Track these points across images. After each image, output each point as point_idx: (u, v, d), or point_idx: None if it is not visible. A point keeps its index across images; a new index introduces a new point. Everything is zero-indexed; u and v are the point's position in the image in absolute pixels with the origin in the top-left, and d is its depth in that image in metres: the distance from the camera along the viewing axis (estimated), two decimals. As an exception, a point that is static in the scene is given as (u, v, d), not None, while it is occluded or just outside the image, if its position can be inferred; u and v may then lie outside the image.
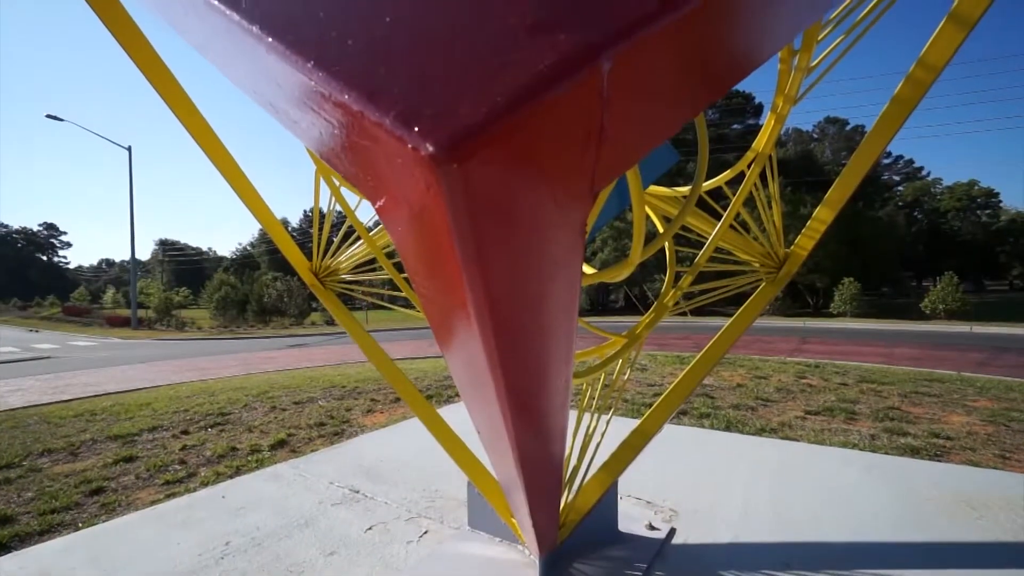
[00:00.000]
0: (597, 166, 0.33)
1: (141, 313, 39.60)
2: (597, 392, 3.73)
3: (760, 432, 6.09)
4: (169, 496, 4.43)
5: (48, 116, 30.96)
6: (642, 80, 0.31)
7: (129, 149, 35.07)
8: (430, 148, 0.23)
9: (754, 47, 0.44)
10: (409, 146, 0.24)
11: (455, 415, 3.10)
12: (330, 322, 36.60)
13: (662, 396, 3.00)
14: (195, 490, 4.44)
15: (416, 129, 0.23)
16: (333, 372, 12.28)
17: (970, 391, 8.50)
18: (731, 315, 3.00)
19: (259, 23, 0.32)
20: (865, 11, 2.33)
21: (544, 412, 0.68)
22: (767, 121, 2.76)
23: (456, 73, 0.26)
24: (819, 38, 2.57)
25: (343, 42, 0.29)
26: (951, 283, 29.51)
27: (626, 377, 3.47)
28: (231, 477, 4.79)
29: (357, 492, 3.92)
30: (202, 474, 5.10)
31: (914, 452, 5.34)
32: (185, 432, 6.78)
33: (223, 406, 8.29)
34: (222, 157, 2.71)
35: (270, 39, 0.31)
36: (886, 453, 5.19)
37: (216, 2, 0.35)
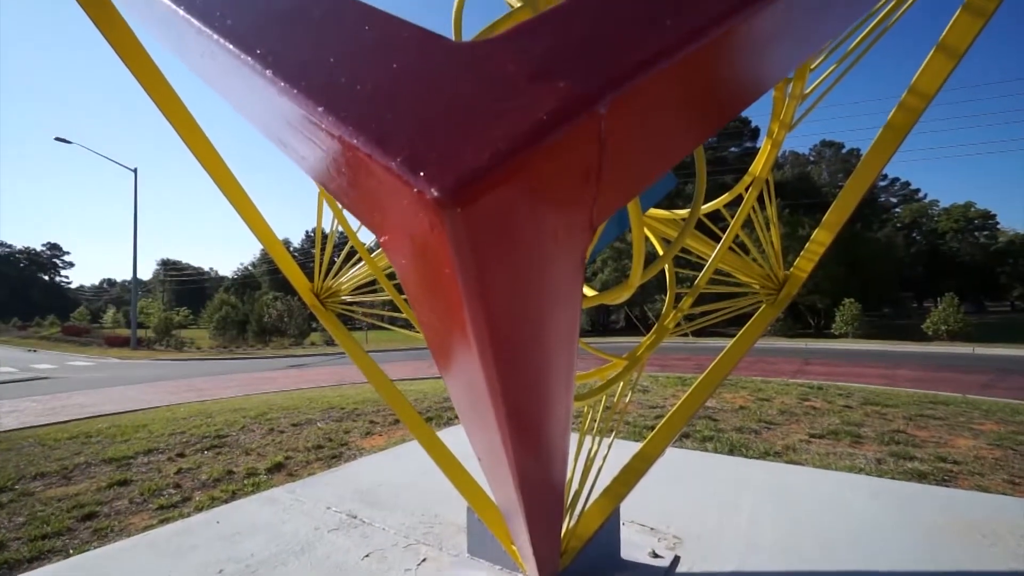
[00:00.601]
0: (596, 202, 0.34)
1: (140, 333, 39.48)
2: (598, 415, 3.69)
3: (764, 456, 6.00)
4: (163, 521, 4.34)
5: (57, 139, 31.52)
6: (638, 121, 0.33)
7: (135, 171, 35.58)
8: (435, 193, 0.24)
9: (750, 84, 0.46)
10: (415, 190, 0.25)
11: (455, 438, 3.06)
12: (330, 342, 36.47)
13: (664, 419, 2.97)
14: (189, 515, 4.35)
15: (422, 174, 0.25)
16: (332, 393, 12.17)
17: (976, 414, 8.39)
18: (732, 336, 2.99)
19: (273, 68, 0.33)
20: (856, 41, 2.40)
21: (545, 437, 0.68)
22: (763, 146, 2.81)
23: (459, 119, 0.27)
24: (812, 67, 2.64)
25: (352, 87, 0.31)
26: (952, 304, 29.47)
27: (627, 400, 3.43)
28: (226, 502, 4.70)
29: (355, 517, 3.84)
30: (197, 498, 5.01)
31: (921, 477, 5.25)
32: (181, 455, 6.69)
33: (220, 428, 8.19)
34: (224, 176, 2.74)
35: (283, 83, 0.32)
36: (893, 478, 5.10)
37: (232, 47, 0.37)
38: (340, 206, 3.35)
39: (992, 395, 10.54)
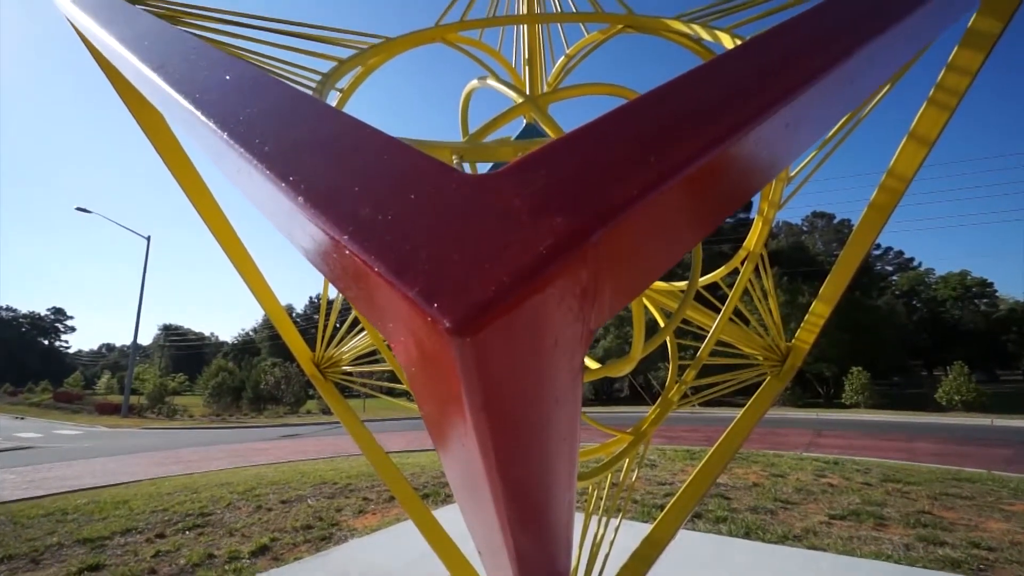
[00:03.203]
0: (594, 313, 0.37)
1: (133, 400, 38.58)
2: (604, 493, 3.52)
3: (783, 540, 5.60)
4: (132, 613, 3.98)
5: (78, 208, 32.87)
6: (631, 244, 0.37)
7: (148, 239, 36.69)
8: (447, 324, 0.26)
9: (737, 193, 0.50)
10: (429, 319, 0.28)
11: (452, 517, 2.89)
12: (326, 411, 35.46)
13: (674, 498, 2.83)
14: (162, 606, 4.00)
15: (436, 305, 0.27)
16: (325, 467, 11.64)
17: (1004, 493, 7.93)
18: (740, 405, 2.93)
19: (304, 195, 0.38)
20: (834, 130, 2.58)
21: (548, 524, 0.67)
22: (755, 223, 2.92)
23: (469, 253, 0.31)
24: (795, 151, 2.82)
25: (375, 217, 0.35)
26: (962, 373, 28.87)
27: (634, 476, 3.29)
28: (203, 590, 4.34)
29: (341, 610, 3.53)
30: (172, 586, 4.63)
31: (955, 566, 4.86)
32: (161, 535, 6.27)
33: (205, 505, 7.75)
34: (231, 241, 2.79)
35: (313, 210, 0.37)
36: (924, 567, 4.72)
37: (268, 172, 0.42)
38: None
39: (1018, 471, 10.01)
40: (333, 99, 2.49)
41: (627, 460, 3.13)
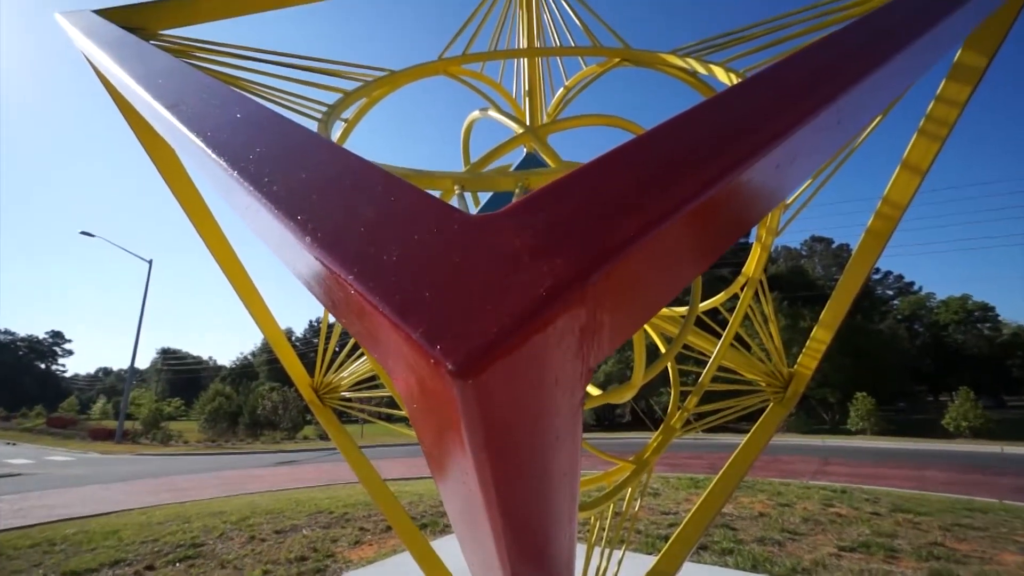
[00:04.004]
0: (594, 350, 0.38)
1: (128, 425, 38.00)
2: (607, 523, 3.43)
3: (792, 573, 5.43)
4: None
5: (82, 233, 33.17)
6: (628, 284, 0.37)
7: (150, 263, 36.87)
8: (450, 366, 0.27)
9: (736, 226, 0.52)
10: (432, 361, 0.28)
11: (451, 547, 2.81)
12: (323, 437, 34.89)
13: (678, 528, 2.76)
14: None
15: (439, 347, 0.28)
16: (321, 495, 11.39)
17: (1018, 524, 7.72)
18: (743, 431, 2.89)
19: (311, 235, 0.39)
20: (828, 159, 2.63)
21: (548, 560, 0.66)
22: (753, 250, 2.95)
23: (471, 295, 0.31)
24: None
25: (379, 257, 0.36)
26: (968, 399, 28.48)
27: (637, 506, 3.21)
28: (192, 626, 4.19)
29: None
30: (159, 622, 4.47)
31: (971, 601, 4.69)
32: (150, 567, 6.09)
33: (197, 535, 7.55)
34: (232, 265, 2.81)
35: (320, 251, 0.38)
36: (939, 602, 4.56)
37: (277, 211, 0.43)
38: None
39: (1031, 501, 9.77)
40: (338, 129, 2.55)
41: (630, 489, 3.07)
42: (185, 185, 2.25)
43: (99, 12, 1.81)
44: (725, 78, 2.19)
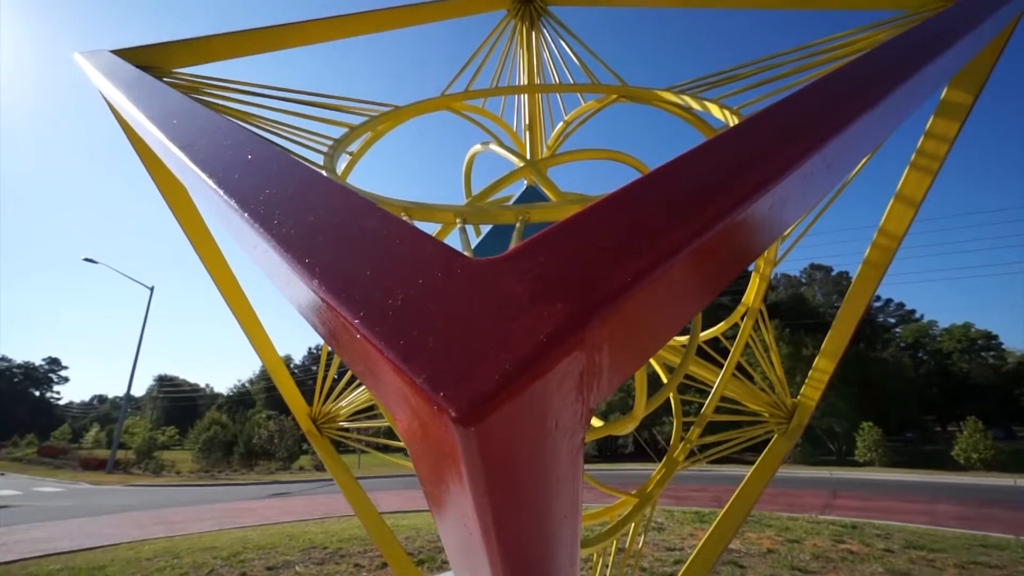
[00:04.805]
0: (594, 392, 0.38)
1: (120, 454, 37.24)
2: (610, 560, 3.32)
3: (804, 614, 5.20)
4: None
5: (85, 259, 33.37)
6: (626, 327, 0.38)
7: (152, 289, 36.94)
8: (453, 413, 0.28)
9: (732, 266, 0.53)
10: (435, 407, 0.29)
11: (449, 590, 2.71)
12: (319, 467, 34.16)
13: (684, 565, 2.67)
14: None
15: (442, 394, 0.29)
16: (316, 528, 11.05)
17: (1035, 561, 7.45)
18: (748, 462, 2.83)
19: (319, 278, 0.40)
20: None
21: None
22: (752, 280, 2.97)
23: (473, 340, 0.32)
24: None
25: (384, 300, 0.37)
26: (976, 429, 27.95)
27: (641, 542, 3.12)
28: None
29: None
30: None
31: (992, 645, 4.48)
32: (135, 606, 5.85)
33: (186, 572, 7.30)
34: (234, 292, 2.81)
35: (327, 292, 0.39)
36: (959, 646, 4.35)
37: (286, 253, 0.45)
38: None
39: (1048, 537, 9.46)
40: (343, 161, 2.61)
41: (633, 524, 2.99)
42: (191, 216, 2.29)
43: (116, 52, 1.89)
44: (719, 114, 2.26)
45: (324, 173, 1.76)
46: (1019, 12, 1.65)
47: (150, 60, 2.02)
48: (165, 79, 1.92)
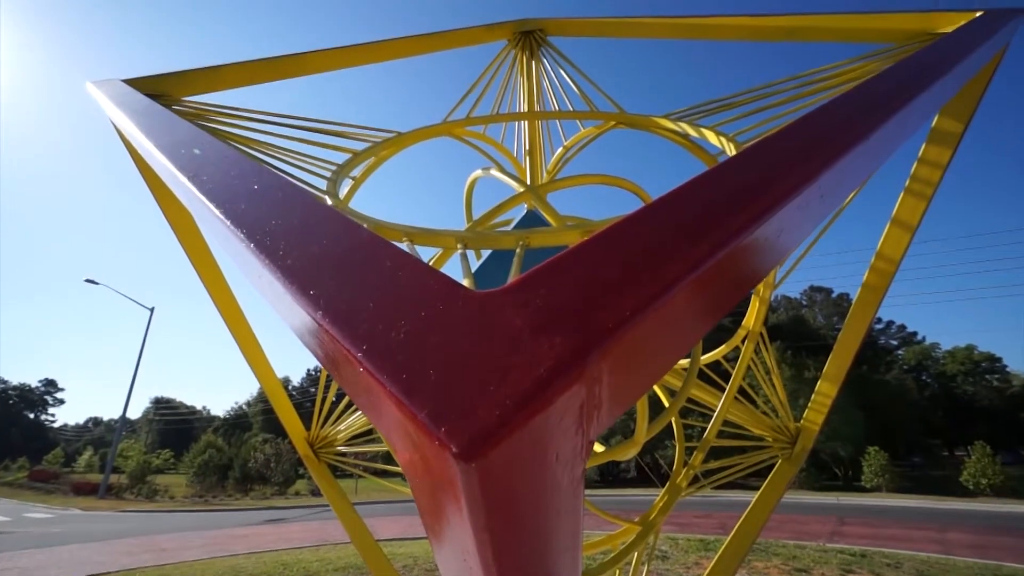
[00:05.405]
0: (594, 424, 0.38)
1: (114, 479, 36.52)
2: (613, 592, 3.22)
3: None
4: None
5: (87, 280, 33.43)
6: (626, 359, 0.39)
7: (152, 310, 36.87)
8: (454, 449, 0.28)
9: (731, 295, 0.54)
10: (436, 442, 0.29)
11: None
12: (315, 492, 33.45)
13: (688, 600, 2.59)
14: None
15: (443, 429, 0.29)
16: (311, 556, 10.76)
17: (1052, 592, 7.22)
18: (753, 488, 2.78)
19: (323, 310, 0.41)
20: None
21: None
22: (752, 303, 2.98)
23: (474, 375, 0.33)
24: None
25: (387, 333, 0.37)
26: (984, 454, 27.47)
27: (644, 572, 3.03)
28: None
29: None
30: None
31: None
32: (122, 639, 5.65)
33: (175, 602, 7.06)
34: (235, 317, 2.81)
35: (332, 325, 0.39)
36: None
37: (290, 284, 0.46)
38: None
39: (1063, 567, 9.19)
40: (346, 186, 2.65)
41: (636, 553, 2.92)
42: (195, 240, 2.32)
43: (128, 81, 1.95)
44: (716, 141, 2.30)
45: (328, 199, 1.79)
46: (1005, 45, 1.70)
47: (160, 88, 2.07)
48: (174, 107, 1.97)
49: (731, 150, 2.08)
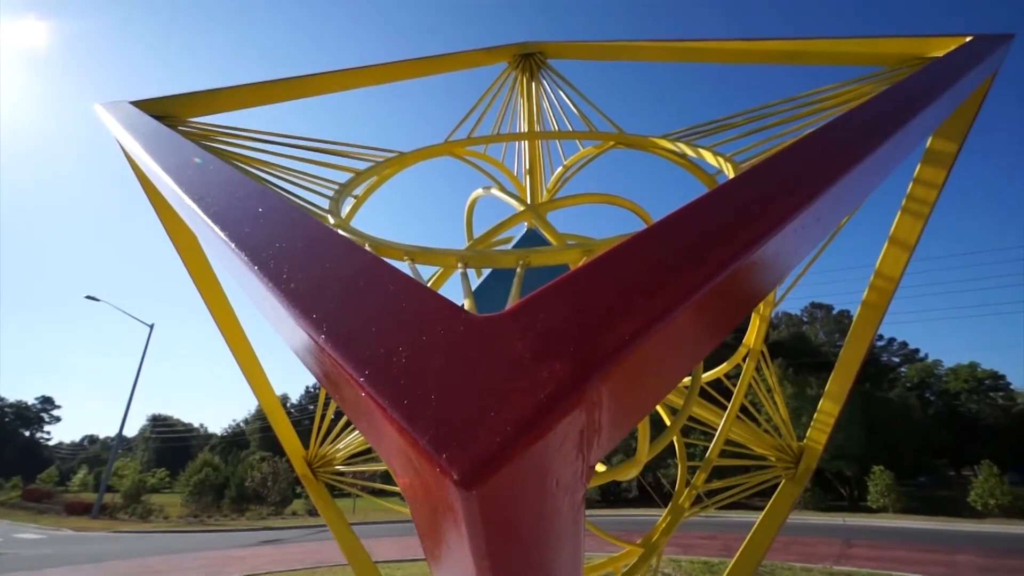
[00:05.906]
0: (594, 449, 0.38)
1: (108, 498, 35.93)
2: (615, 617, 3.14)
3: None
4: None
5: (87, 297, 33.44)
6: (629, 379, 0.39)
7: (151, 327, 36.78)
8: (455, 476, 0.28)
9: (729, 318, 0.54)
10: (437, 469, 0.30)
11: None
12: (312, 512, 32.91)
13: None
14: None
15: (444, 456, 0.30)
16: (306, 579, 10.51)
17: (1067, 618, 7.02)
18: (757, 508, 2.74)
19: (326, 334, 0.41)
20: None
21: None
22: (752, 322, 2.98)
23: (475, 401, 0.33)
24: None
25: (389, 359, 0.38)
26: (992, 474, 27.05)
27: (648, 597, 2.96)
28: None
29: None
30: None
31: None
32: (110, 666, 5.48)
33: (166, 627, 6.87)
34: (235, 334, 2.80)
35: (334, 349, 0.40)
36: None
37: (294, 309, 0.46)
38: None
39: (1077, 591, 8.95)
40: (348, 204, 2.68)
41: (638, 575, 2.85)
42: (198, 258, 2.33)
43: (135, 103, 1.98)
44: (713, 161, 2.34)
45: (330, 218, 1.81)
46: (995, 69, 1.74)
47: (167, 110, 2.11)
48: (180, 127, 2.01)
49: (728, 170, 2.11)
